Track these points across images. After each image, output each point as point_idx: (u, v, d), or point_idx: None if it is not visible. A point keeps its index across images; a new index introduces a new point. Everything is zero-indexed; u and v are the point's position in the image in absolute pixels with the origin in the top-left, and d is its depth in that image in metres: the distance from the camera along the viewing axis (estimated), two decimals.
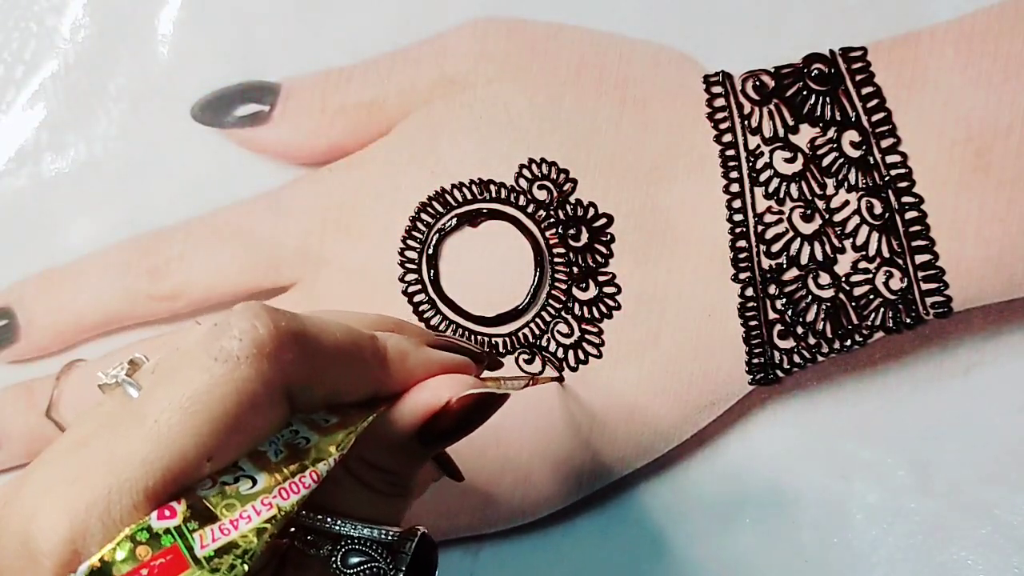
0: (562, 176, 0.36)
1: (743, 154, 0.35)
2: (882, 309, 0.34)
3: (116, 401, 0.24)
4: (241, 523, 0.22)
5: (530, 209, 0.36)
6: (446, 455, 0.32)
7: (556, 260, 0.36)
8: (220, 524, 0.22)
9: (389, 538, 0.25)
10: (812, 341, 0.35)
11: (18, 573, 0.22)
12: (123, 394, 0.24)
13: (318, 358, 0.24)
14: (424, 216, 0.36)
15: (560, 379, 0.36)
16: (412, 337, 0.28)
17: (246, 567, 0.21)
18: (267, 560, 0.25)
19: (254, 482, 0.22)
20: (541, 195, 0.36)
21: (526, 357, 0.36)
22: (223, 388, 0.22)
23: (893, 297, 0.34)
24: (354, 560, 0.25)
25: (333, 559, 0.25)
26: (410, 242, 0.36)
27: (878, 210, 0.34)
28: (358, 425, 0.24)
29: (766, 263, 0.35)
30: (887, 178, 0.34)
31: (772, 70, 0.35)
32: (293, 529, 0.25)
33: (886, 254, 0.34)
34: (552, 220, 0.36)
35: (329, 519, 0.25)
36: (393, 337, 0.27)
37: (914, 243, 0.34)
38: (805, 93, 0.35)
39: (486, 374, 0.32)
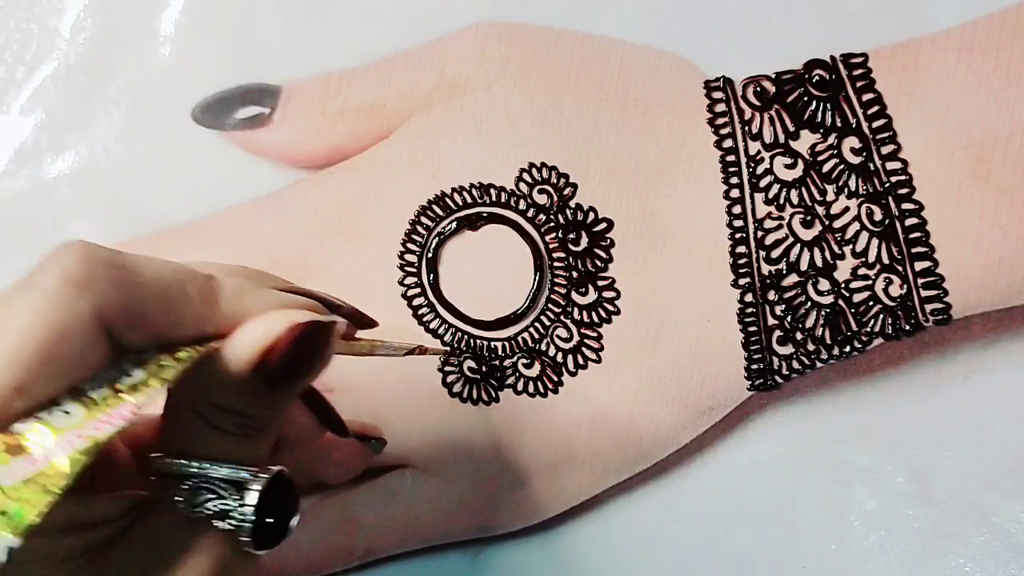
0: (562, 180, 0.36)
1: (743, 160, 0.35)
2: (881, 316, 0.34)
3: None
4: (52, 454, 0.21)
5: (530, 213, 0.36)
6: (323, 402, 0.31)
7: (556, 264, 0.36)
8: (31, 457, 0.21)
9: (239, 475, 0.25)
10: (811, 347, 0.35)
11: None
12: None
13: (134, 288, 0.23)
14: (424, 219, 0.36)
15: (451, 351, 0.36)
16: (264, 281, 0.27)
17: (54, 496, 0.21)
18: (119, 513, 0.25)
19: (68, 415, 0.22)
20: (541, 199, 0.36)
21: (525, 361, 0.36)
22: (29, 318, 0.22)
23: (892, 304, 0.34)
24: (200, 498, 0.25)
25: (181, 500, 0.25)
26: (410, 245, 0.36)
27: (878, 216, 0.34)
28: (183, 359, 0.24)
29: (766, 269, 0.35)
30: (887, 185, 0.34)
31: (773, 76, 0.35)
32: (154, 478, 0.25)
33: (886, 261, 0.34)
34: (552, 224, 0.36)
35: (177, 460, 0.25)
36: (234, 278, 0.26)
37: (914, 250, 0.34)
38: (806, 99, 0.35)
39: (362, 334, 0.31)
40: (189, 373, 0.24)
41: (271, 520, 0.25)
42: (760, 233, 0.35)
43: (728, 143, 0.35)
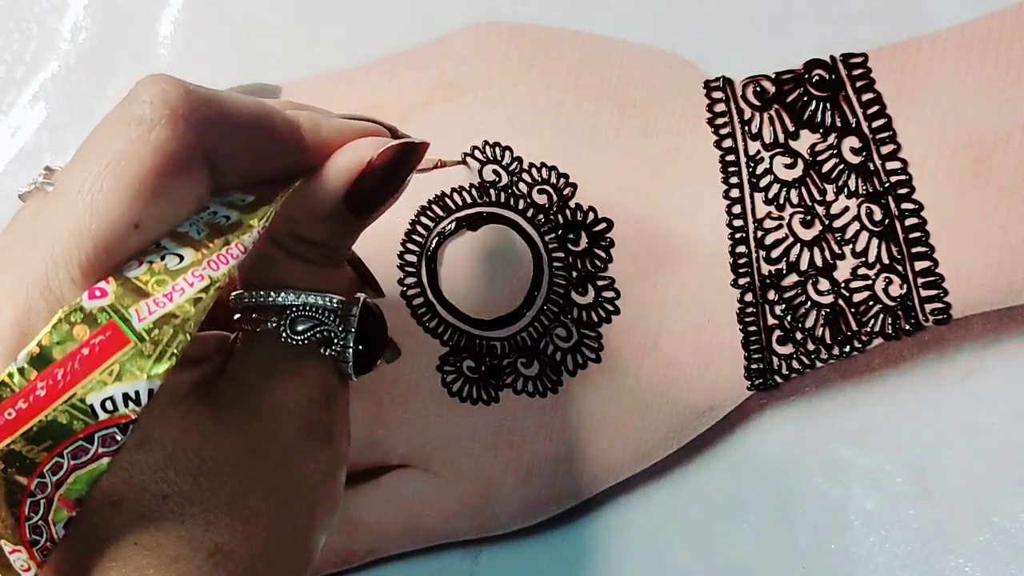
0: (562, 180, 0.36)
1: (743, 159, 0.35)
2: (881, 315, 0.34)
3: (36, 202, 0.24)
4: (175, 295, 0.22)
5: (530, 213, 0.36)
6: (362, 265, 0.32)
7: (555, 264, 0.36)
8: (154, 299, 0.21)
9: (334, 304, 0.25)
10: (811, 347, 0.35)
11: None
12: (43, 196, 0.24)
13: (231, 123, 0.23)
14: (424, 219, 0.36)
15: (464, 163, 0.36)
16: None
17: (187, 336, 0.21)
18: (214, 351, 0.25)
19: (181, 259, 0.22)
20: (541, 199, 0.36)
21: (524, 361, 0.36)
22: (141, 149, 0.21)
23: (892, 303, 0.34)
24: (302, 327, 0.25)
25: (282, 329, 0.25)
26: (409, 245, 0.36)
27: (878, 216, 0.34)
28: (278, 198, 0.24)
29: (765, 269, 0.35)
30: (887, 184, 0.34)
31: (773, 76, 0.35)
32: (238, 316, 0.25)
33: (886, 260, 0.34)
34: (551, 224, 0.36)
35: (272, 292, 0.25)
36: (303, 111, 0.26)
37: (914, 249, 0.34)
38: (806, 99, 0.35)
39: None
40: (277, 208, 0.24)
41: (363, 347, 0.26)
42: (760, 233, 0.35)
43: (728, 143, 0.35)
